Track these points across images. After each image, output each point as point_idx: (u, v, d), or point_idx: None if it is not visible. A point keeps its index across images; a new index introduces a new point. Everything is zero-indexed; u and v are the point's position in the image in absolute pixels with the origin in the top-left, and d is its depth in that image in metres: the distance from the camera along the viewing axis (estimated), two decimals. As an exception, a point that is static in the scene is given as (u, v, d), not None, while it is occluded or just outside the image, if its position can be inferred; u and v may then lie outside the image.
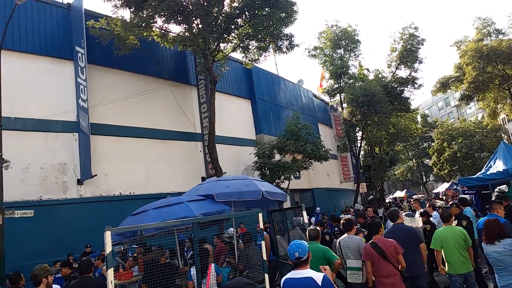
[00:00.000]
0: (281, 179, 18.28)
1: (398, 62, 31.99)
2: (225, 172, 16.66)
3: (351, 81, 31.82)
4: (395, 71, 32.75)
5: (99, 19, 15.18)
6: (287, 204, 16.77)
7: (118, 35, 14.81)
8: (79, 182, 14.29)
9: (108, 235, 4.16)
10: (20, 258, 10.87)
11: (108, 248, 4.13)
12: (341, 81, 32.14)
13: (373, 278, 5.45)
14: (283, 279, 3.73)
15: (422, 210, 9.73)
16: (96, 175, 14.09)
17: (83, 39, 14.58)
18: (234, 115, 21.72)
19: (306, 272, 3.63)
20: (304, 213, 6.35)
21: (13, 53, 13.49)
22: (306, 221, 6.29)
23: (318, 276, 3.57)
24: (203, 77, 18.76)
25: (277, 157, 18.98)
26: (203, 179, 18.16)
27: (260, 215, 5.65)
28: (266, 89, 24.58)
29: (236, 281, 2.74)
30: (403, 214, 7.86)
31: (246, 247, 7.51)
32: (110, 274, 4.07)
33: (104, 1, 14.67)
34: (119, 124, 15.91)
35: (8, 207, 10.95)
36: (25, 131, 13.47)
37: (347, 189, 34.39)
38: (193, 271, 5.91)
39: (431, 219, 8.88)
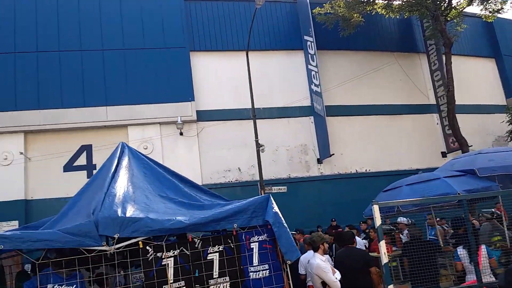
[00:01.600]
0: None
1: None
2: (471, 145, 14.65)
3: None
4: None
5: (323, 5, 15.80)
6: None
7: (343, 16, 15.07)
8: (319, 161, 15.51)
9: (376, 208, 4.25)
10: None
11: (378, 221, 4.22)
12: None
13: None
14: None
15: None
16: (333, 154, 14.91)
17: (311, 28, 15.56)
18: (475, 79, 18.65)
19: None
20: None
21: (256, 52, 15.66)
22: None
23: None
24: (433, 42, 16.93)
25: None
26: (443, 154, 16.59)
27: (552, 191, 4.60)
28: (515, 42, 20.02)
29: None
30: None
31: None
32: (383, 245, 4.17)
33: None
34: (350, 103, 16.31)
35: (266, 184, 13.04)
36: (271, 119, 15.57)
37: None
38: (460, 251, 5.42)
39: None
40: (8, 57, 13.64)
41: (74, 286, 3.48)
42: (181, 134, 14.52)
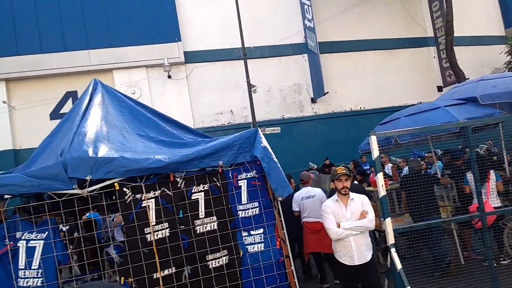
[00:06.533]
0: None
1: None
2: (468, 78, 14.18)
3: None
4: None
5: None
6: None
7: None
8: (313, 100, 15.10)
9: (374, 139, 3.96)
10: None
11: (376, 152, 3.94)
12: None
13: None
14: None
15: None
16: (327, 92, 14.48)
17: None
18: (474, 9, 17.65)
19: None
20: None
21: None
22: None
23: None
24: (433, -32, 15.82)
25: (541, 52, 14.73)
26: (439, 88, 16.19)
27: None
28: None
29: None
30: None
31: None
32: (380, 177, 3.93)
33: None
34: (343, 39, 15.54)
35: (259, 125, 12.72)
36: (263, 58, 14.91)
37: None
38: (468, 176, 5.33)
39: None
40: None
41: (46, 233, 3.24)
42: (169, 77, 13.91)
